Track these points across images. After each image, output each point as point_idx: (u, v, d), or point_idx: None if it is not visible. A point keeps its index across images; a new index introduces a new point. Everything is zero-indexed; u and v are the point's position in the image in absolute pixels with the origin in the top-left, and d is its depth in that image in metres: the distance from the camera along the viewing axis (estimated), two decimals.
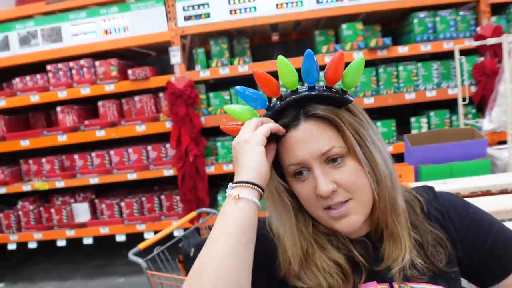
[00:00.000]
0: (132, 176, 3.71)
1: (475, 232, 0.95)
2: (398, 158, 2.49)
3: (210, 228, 2.44)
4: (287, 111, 0.88)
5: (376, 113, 3.97)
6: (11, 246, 4.11)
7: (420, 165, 2.00)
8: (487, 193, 1.85)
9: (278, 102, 0.88)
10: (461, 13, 3.44)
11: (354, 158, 0.85)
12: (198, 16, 3.45)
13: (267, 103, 0.90)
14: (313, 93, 0.85)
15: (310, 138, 0.84)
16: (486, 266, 0.96)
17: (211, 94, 3.62)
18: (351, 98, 0.87)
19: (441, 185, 1.79)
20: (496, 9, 3.50)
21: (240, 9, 3.42)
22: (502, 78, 2.65)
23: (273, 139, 0.88)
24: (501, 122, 2.73)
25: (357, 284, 0.87)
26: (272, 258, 0.91)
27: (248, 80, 3.95)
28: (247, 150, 0.83)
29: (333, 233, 0.91)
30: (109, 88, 3.63)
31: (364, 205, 0.86)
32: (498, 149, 2.58)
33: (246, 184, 0.81)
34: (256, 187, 0.82)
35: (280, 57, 0.86)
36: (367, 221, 0.92)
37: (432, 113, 3.54)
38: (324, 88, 0.86)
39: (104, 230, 3.81)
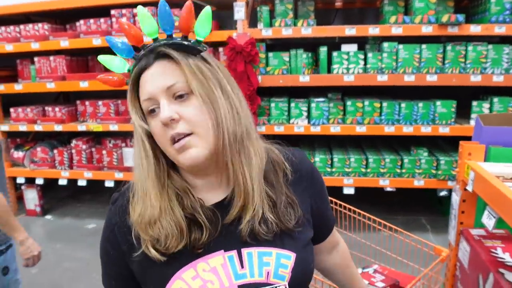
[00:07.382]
0: None
1: (322, 198, 1.10)
2: (455, 141, 2.40)
3: None
4: (147, 56, 0.95)
5: (437, 92, 3.76)
6: (62, 182, 4.31)
7: (490, 146, 1.92)
8: None
9: (142, 51, 0.96)
10: None
11: (198, 97, 0.91)
12: None
13: (134, 52, 0.97)
14: (170, 41, 0.94)
15: (158, 75, 0.92)
16: (319, 227, 1.09)
17: (270, 54, 3.58)
18: (204, 48, 0.96)
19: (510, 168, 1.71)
20: None
21: None
22: None
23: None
24: None
25: (198, 249, 0.93)
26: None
27: (309, 44, 3.90)
28: None
29: (186, 191, 0.96)
30: None
31: (205, 140, 0.92)
32: None
33: None
34: None
35: (139, 7, 0.95)
36: (221, 179, 0.99)
37: (496, 99, 3.38)
38: (181, 37, 0.95)
39: None
